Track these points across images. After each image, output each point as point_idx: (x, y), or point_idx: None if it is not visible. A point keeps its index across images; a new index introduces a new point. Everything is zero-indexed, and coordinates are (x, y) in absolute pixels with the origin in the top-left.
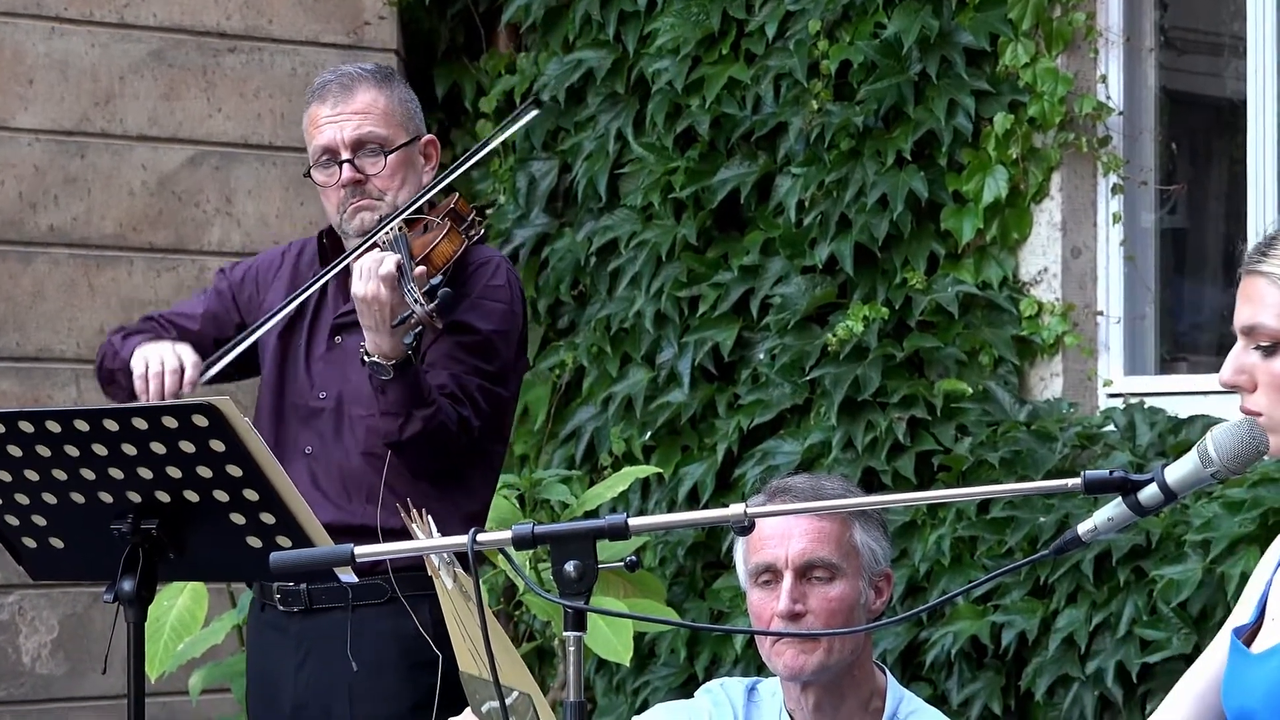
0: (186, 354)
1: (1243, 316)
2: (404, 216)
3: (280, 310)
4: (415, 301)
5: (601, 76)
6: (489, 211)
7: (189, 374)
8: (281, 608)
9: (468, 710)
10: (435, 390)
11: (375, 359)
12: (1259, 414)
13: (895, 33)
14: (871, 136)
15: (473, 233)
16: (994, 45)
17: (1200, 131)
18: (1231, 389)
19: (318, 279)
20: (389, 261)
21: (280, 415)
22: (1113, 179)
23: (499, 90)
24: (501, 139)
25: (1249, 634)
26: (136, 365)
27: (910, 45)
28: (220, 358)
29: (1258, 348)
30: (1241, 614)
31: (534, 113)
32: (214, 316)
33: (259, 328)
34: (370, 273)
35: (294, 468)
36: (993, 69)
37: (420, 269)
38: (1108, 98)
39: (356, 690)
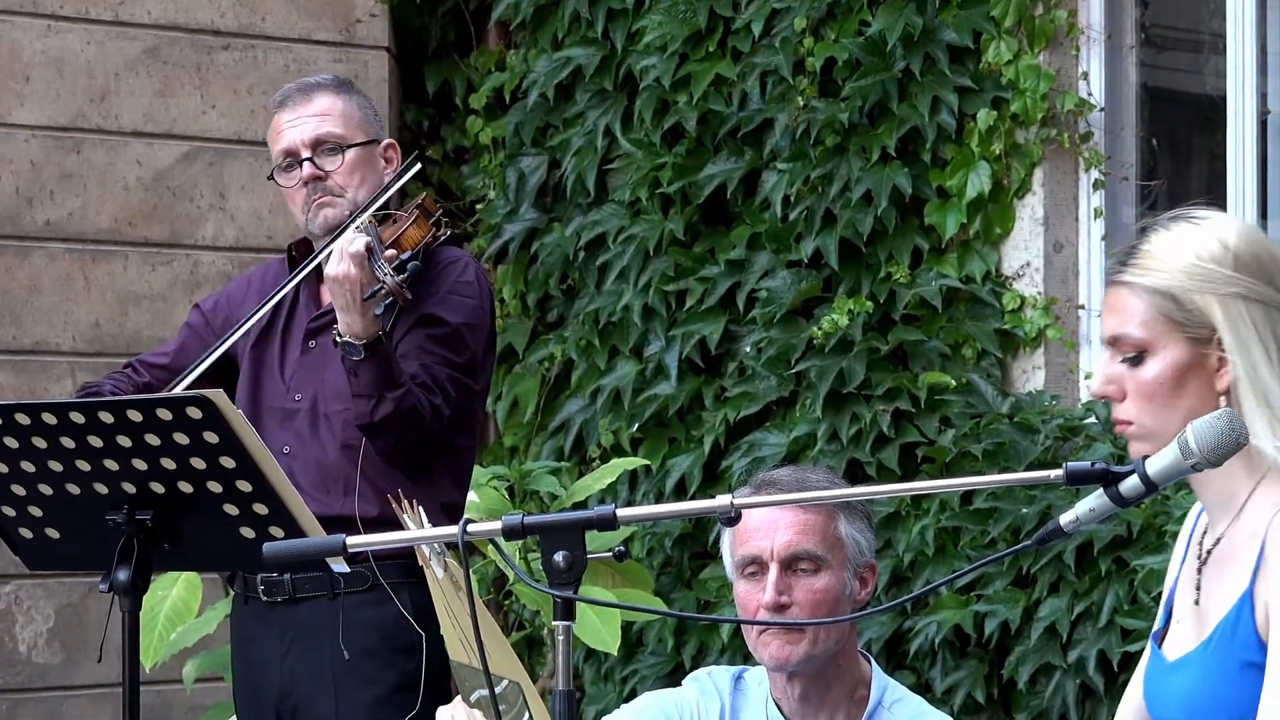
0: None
1: (1108, 328)
2: (371, 212)
3: (252, 316)
4: (386, 275)
5: (590, 73)
6: (479, 207)
7: None
8: (265, 598)
9: (458, 698)
10: (407, 377)
11: (347, 339)
12: (1129, 423)
13: (879, 30)
14: (856, 133)
15: (440, 229)
16: (977, 42)
17: (1180, 128)
18: (1103, 399)
19: (294, 275)
20: (359, 241)
21: (258, 419)
22: (1094, 174)
23: (489, 87)
24: (396, 186)
25: (1162, 637)
26: None
27: (894, 43)
28: (193, 369)
29: (1125, 359)
30: (1158, 618)
31: (416, 167)
32: (187, 349)
33: (229, 337)
34: (342, 252)
35: None
36: (976, 66)
37: (390, 251)
38: (1089, 94)
39: (340, 677)
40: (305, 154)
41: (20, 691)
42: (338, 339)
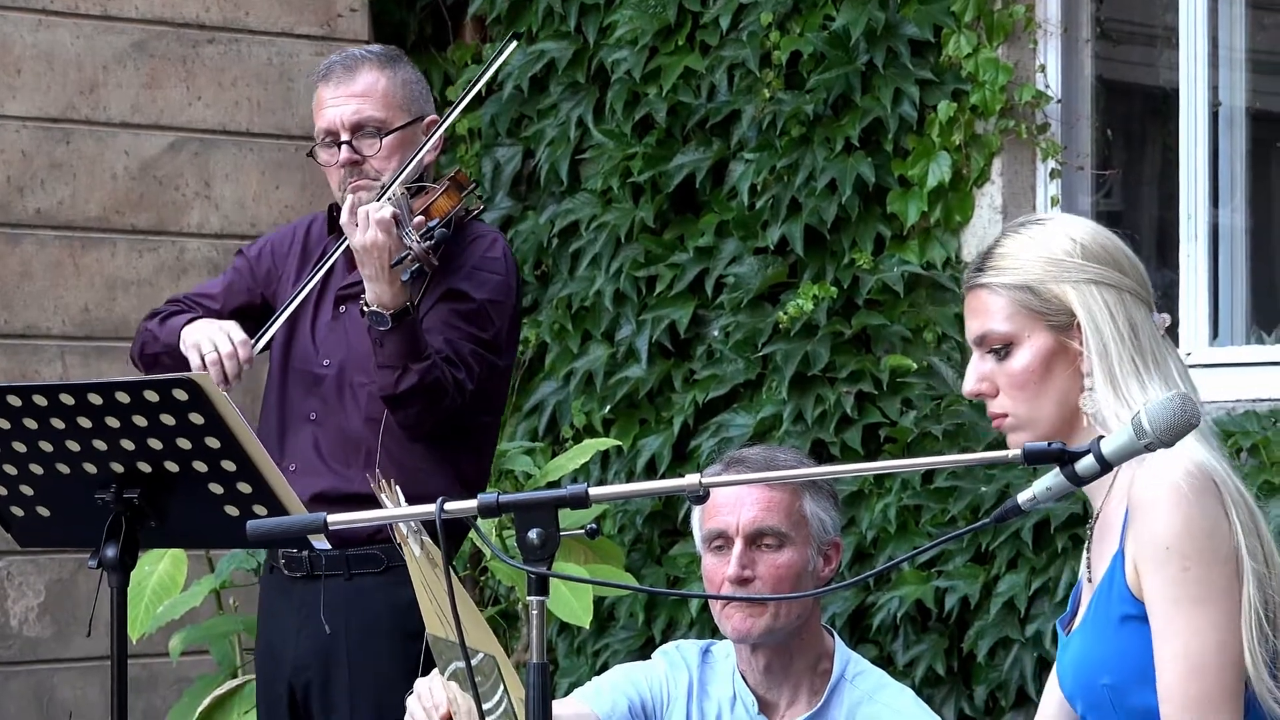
0: (235, 331)
1: (973, 329)
2: (401, 182)
3: (310, 282)
4: (413, 242)
5: (563, 66)
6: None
7: (243, 352)
8: (286, 572)
9: (435, 671)
10: (432, 350)
11: (374, 309)
12: (1005, 416)
13: (843, 25)
14: (821, 124)
15: (472, 202)
16: (937, 36)
17: (1134, 118)
18: (976, 397)
19: (339, 246)
20: (386, 209)
21: (286, 381)
22: (1051, 164)
23: (465, 79)
24: (489, 74)
25: (1068, 622)
26: (191, 353)
27: (858, 37)
28: (265, 332)
29: (991, 352)
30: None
31: (514, 45)
32: (234, 292)
33: (293, 301)
34: (368, 220)
35: (298, 432)
36: (936, 59)
37: (419, 219)
38: (1046, 86)
39: (353, 655)
40: (344, 136)
41: (11, 664)
42: (364, 309)
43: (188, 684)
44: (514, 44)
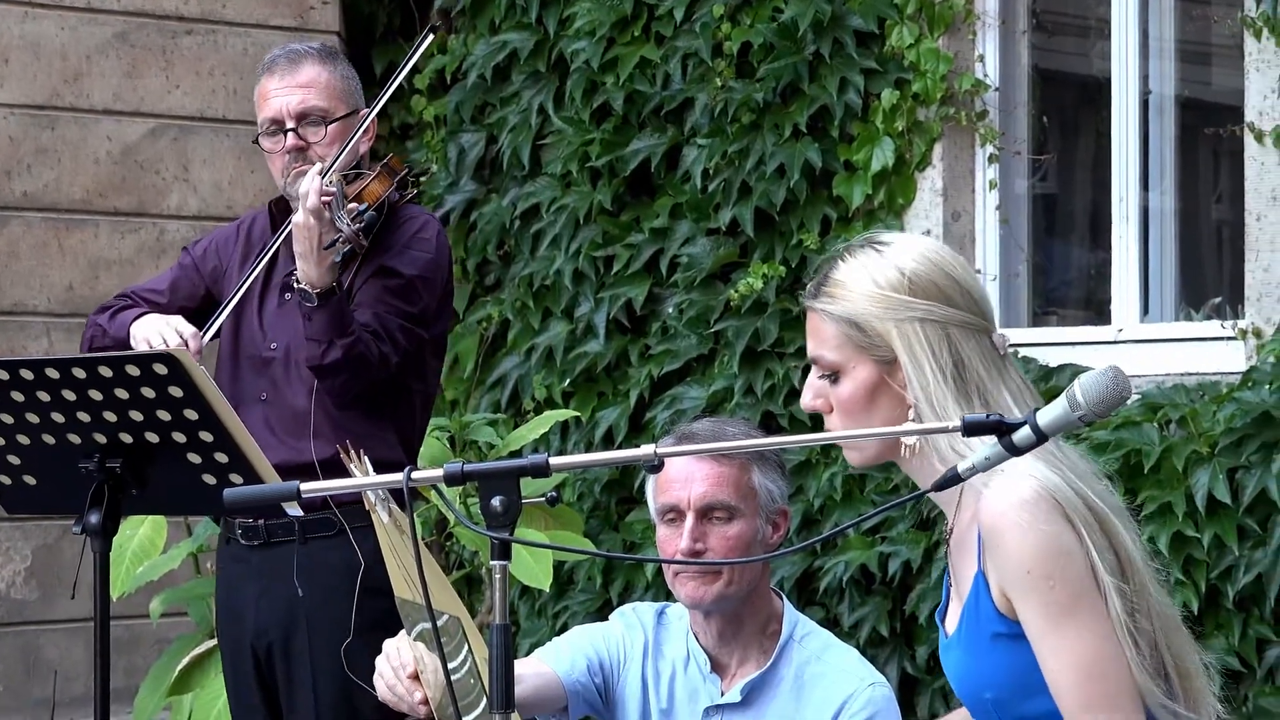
0: (183, 326)
1: (809, 348)
2: (340, 168)
3: (252, 274)
4: (344, 224)
5: (525, 56)
6: (423, 179)
7: (192, 345)
8: (244, 541)
9: (402, 632)
10: (359, 325)
11: (303, 286)
12: None
13: (792, 17)
14: (770, 111)
15: (406, 187)
16: (881, 28)
17: (1069, 106)
18: (813, 412)
19: (276, 237)
20: (317, 195)
21: (237, 366)
22: (989, 149)
23: (431, 69)
24: (411, 63)
25: (945, 613)
26: (141, 346)
27: (805, 28)
28: (213, 323)
29: (823, 376)
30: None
31: (431, 37)
32: (180, 288)
33: (237, 293)
34: (303, 200)
35: (251, 412)
36: (880, 49)
37: (352, 204)
38: (985, 75)
39: (312, 616)
40: (290, 124)
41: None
42: (295, 284)
43: (167, 644)
44: (432, 36)
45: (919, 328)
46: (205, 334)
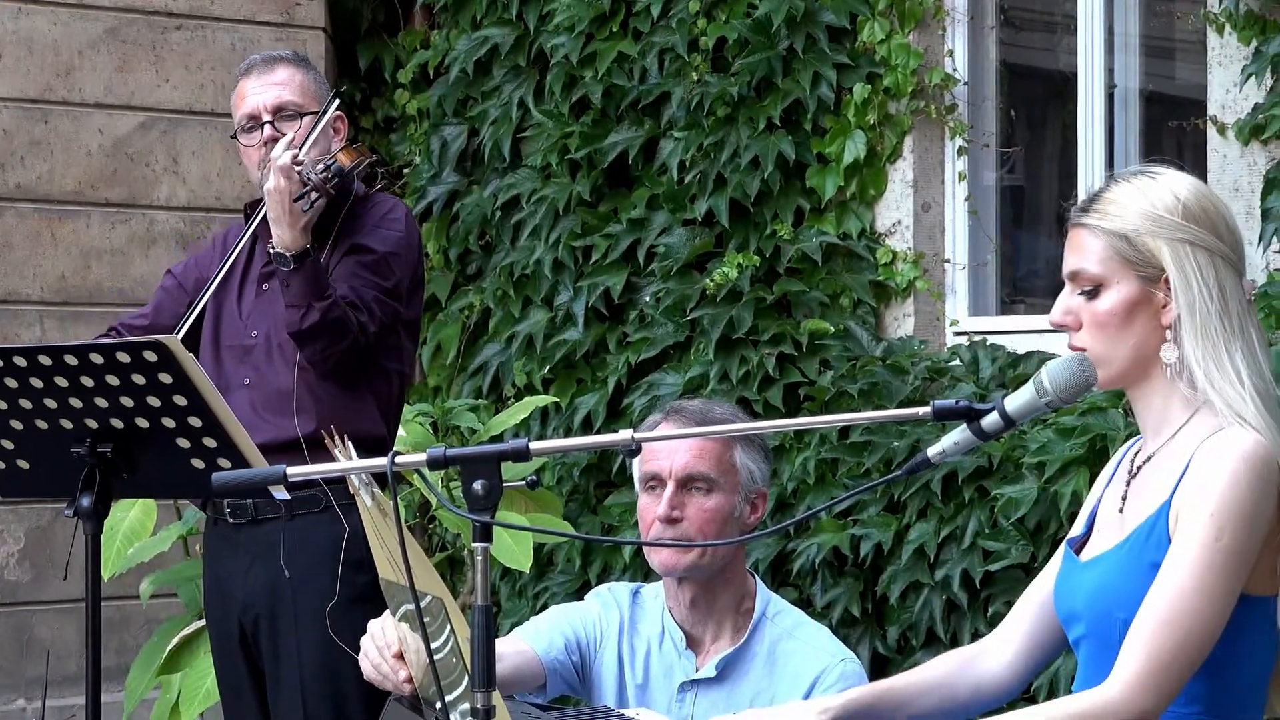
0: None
1: (1069, 264)
2: (307, 147)
3: (221, 270)
4: (311, 174)
5: (506, 51)
6: (406, 171)
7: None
8: (231, 520)
9: (387, 612)
10: (336, 294)
11: (279, 250)
12: (1084, 349)
13: (765, 12)
14: (745, 105)
15: (375, 177)
16: (853, 23)
17: (1036, 100)
18: (1060, 328)
19: (249, 226)
20: (286, 155)
21: (219, 356)
22: (958, 142)
23: (415, 63)
24: (325, 119)
25: (1080, 544)
26: None
27: (779, 23)
28: (184, 322)
29: (1082, 292)
30: (1076, 528)
31: (337, 103)
32: (164, 310)
33: (207, 290)
34: (273, 167)
35: (236, 398)
36: (852, 44)
37: (320, 163)
38: (954, 70)
39: (297, 589)
40: (266, 118)
41: None
42: (270, 250)
43: (157, 624)
44: (337, 100)
45: (1189, 250)
46: (178, 332)
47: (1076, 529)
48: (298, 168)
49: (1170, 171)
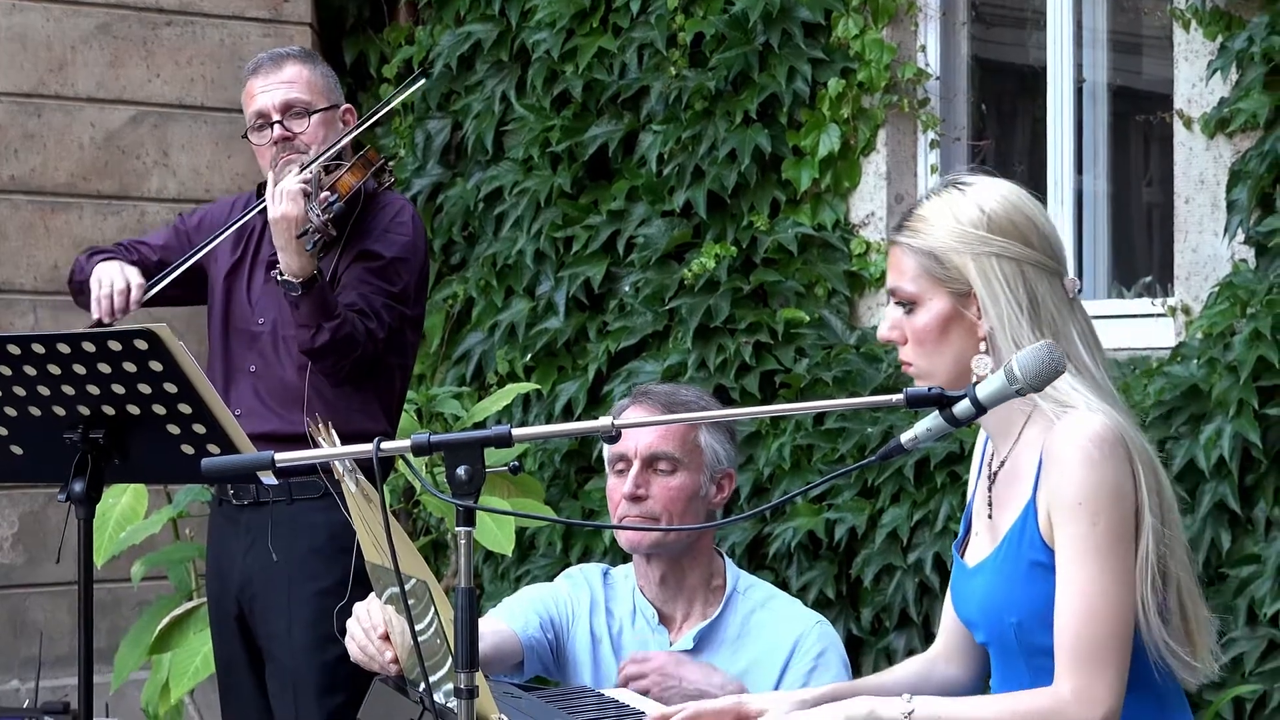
0: (134, 276)
1: (889, 281)
2: (323, 162)
3: (208, 244)
4: (315, 215)
5: (488, 46)
6: (391, 163)
7: (134, 294)
8: (235, 502)
9: (372, 595)
10: (344, 307)
11: (286, 277)
12: (909, 364)
13: (742, 8)
14: (722, 99)
15: (382, 176)
16: (828, 19)
17: (1006, 94)
18: (888, 343)
19: (249, 210)
20: (295, 184)
21: (227, 339)
22: (931, 135)
23: (399, 59)
24: (397, 101)
25: (963, 547)
26: (92, 285)
27: (755, 19)
28: (159, 281)
29: (901, 307)
30: (960, 530)
31: (423, 81)
32: (170, 249)
33: (190, 258)
34: (280, 194)
35: (240, 383)
36: (827, 40)
37: (325, 194)
38: (926, 65)
39: (292, 570)
40: (276, 116)
41: None
42: (278, 277)
43: (148, 605)
44: (423, 80)
45: (995, 262)
46: (150, 289)
47: (960, 532)
48: (304, 187)
49: (981, 181)
